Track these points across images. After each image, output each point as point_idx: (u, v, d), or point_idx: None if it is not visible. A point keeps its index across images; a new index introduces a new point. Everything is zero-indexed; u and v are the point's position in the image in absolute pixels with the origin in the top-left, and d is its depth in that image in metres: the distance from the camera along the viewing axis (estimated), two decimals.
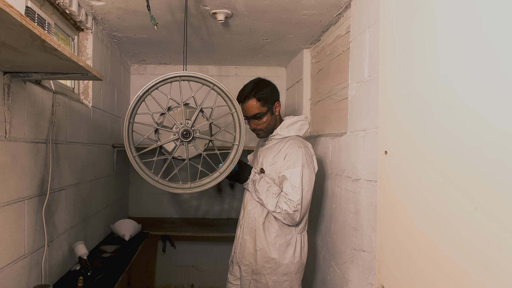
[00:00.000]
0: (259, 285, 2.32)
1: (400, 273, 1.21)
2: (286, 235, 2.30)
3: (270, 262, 2.29)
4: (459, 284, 0.93)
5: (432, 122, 1.05)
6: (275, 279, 2.30)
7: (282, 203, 2.18)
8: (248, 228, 2.36)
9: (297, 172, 2.19)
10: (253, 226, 2.34)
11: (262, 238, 2.30)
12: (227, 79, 3.98)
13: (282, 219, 2.21)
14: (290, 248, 2.30)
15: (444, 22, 1.02)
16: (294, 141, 2.31)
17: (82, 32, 2.54)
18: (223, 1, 2.20)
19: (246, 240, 2.37)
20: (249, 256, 2.35)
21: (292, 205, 2.16)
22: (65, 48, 1.31)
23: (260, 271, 2.31)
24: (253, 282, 2.34)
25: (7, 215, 1.62)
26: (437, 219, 1.02)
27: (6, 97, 1.58)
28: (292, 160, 2.22)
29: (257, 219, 2.32)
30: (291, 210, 2.16)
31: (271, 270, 2.29)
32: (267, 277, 2.30)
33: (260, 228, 2.31)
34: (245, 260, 2.37)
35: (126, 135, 1.90)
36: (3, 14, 0.94)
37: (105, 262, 2.49)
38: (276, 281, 2.30)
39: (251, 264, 2.34)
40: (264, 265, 2.30)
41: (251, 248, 2.34)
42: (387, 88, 1.34)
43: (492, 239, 0.82)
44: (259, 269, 2.31)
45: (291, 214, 2.17)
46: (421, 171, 1.10)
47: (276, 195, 2.21)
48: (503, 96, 0.80)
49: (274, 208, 2.21)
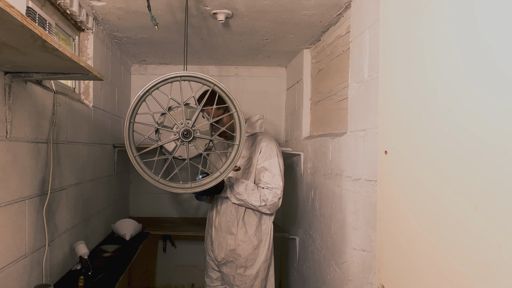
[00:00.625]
0: (244, 278, 2.45)
1: (400, 272, 1.21)
2: (263, 224, 2.49)
3: (253, 253, 2.45)
4: (458, 285, 0.92)
5: (431, 123, 1.05)
6: (259, 267, 2.47)
7: (265, 194, 2.34)
8: (226, 227, 2.48)
9: (275, 161, 2.41)
10: (232, 223, 2.46)
11: (243, 232, 2.44)
12: (228, 79, 3.99)
13: (267, 209, 2.38)
14: (266, 236, 2.50)
15: (442, 22, 1.02)
16: (263, 136, 2.50)
17: (83, 32, 2.55)
18: (223, 1, 2.21)
19: (226, 238, 2.48)
20: (231, 252, 2.46)
21: (276, 192, 2.35)
22: (66, 48, 1.31)
23: (243, 264, 2.46)
24: (238, 276, 2.46)
25: (8, 214, 1.62)
26: (436, 219, 1.02)
27: (7, 97, 1.58)
28: (268, 152, 2.41)
29: (235, 215, 2.45)
30: (276, 198, 2.35)
31: (253, 261, 2.46)
32: (250, 268, 2.46)
33: (240, 223, 2.44)
34: (227, 257, 2.47)
35: (126, 135, 1.90)
36: (4, 14, 0.95)
37: (106, 261, 2.49)
38: (260, 269, 2.47)
39: (235, 259, 2.46)
40: (248, 257, 2.45)
41: (232, 245, 2.46)
42: (387, 88, 1.34)
43: (491, 239, 0.82)
44: (242, 262, 2.45)
45: (276, 202, 2.36)
46: (420, 171, 1.10)
47: (255, 190, 2.35)
48: (501, 97, 0.80)
49: (259, 202, 2.34)
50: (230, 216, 2.46)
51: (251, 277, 2.45)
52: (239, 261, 2.45)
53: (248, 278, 2.45)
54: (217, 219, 2.52)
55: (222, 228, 2.49)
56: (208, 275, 2.67)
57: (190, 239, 4.07)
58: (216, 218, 2.53)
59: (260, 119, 2.60)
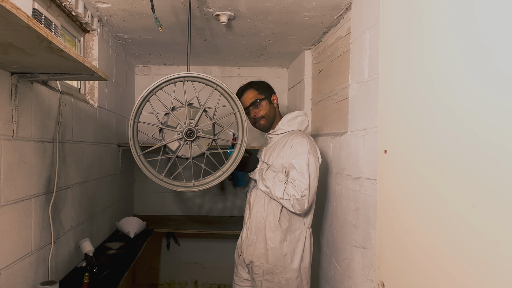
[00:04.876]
0: (272, 284, 2.30)
1: (400, 269, 1.22)
2: (295, 230, 2.31)
3: (282, 260, 2.28)
4: (458, 281, 0.93)
5: (431, 122, 1.05)
6: (288, 277, 2.29)
7: (289, 189, 2.17)
8: (256, 228, 2.35)
9: (304, 159, 2.22)
10: (261, 225, 2.33)
11: (272, 236, 2.29)
12: (230, 79, 4.00)
13: (291, 206, 2.19)
14: (300, 243, 2.31)
15: (442, 23, 1.02)
16: (297, 133, 2.34)
17: (88, 34, 2.57)
18: (226, 3, 2.22)
19: (254, 241, 2.35)
20: (260, 256, 2.33)
21: (300, 189, 2.17)
22: (71, 49, 1.32)
23: (272, 271, 2.30)
24: (265, 282, 2.31)
25: (14, 212, 1.64)
26: (435, 217, 1.02)
27: (13, 97, 1.60)
28: (298, 150, 2.24)
29: (265, 218, 2.31)
30: (298, 195, 2.16)
31: (283, 269, 2.29)
32: (279, 275, 2.29)
33: (270, 226, 2.30)
34: (256, 261, 2.34)
35: (131, 135, 1.92)
36: (11, 16, 0.96)
37: (111, 258, 2.51)
38: (289, 278, 2.29)
39: (263, 264, 2.32)
40: (276, 264, 2.29)
41: (261, 248, 2.32)
42: (387, 88, 1.34)
43: (490, 236, 0.83)
44: (271, 268, 2.30)
45: (299, 199, 2.17)
46: (420, 170, 1.10)
47: (283, 182, 2.21)
48: (500, 96, 0.81)
49: (282, 194, 2.19)
50: (260, 217, 2.34)
51: (280, 285, 2.30)
52: (267, 267, 2.31)
53: (276, 286, 2.30)
54: (249, 220, 2.41)
55: (252, 229, 2.38)
56: (237, 273, 2.53)
57: (193, 237, 4.09)
58: (248, 219, 2.42)
59: (299, 116, 2.44)
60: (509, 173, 0.78)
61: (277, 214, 2.29)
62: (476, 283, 0.87)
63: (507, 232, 0.78)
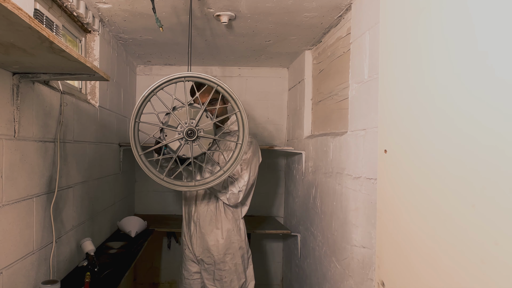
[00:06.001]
0: (223, 273, 2.53)
1: (400, 269, 1.23)
2: (236, 220, 2.60)
3: (231, 248, 2.55)
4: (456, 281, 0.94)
5: (428, 123, 1.06)
6: (236, 262, 2.58)
7: (228, 184, 2.47)
8: (206, 222, 2.55)
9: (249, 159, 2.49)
10: (210, 218, 2.54)
11: (223, 227, 2.53)
12: (231, 79, 4.01)
13: (226, 199, 2.46)
14: (241, 231, 2.62)
15: (439, 25, 1.03)
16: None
17: (89, 34, 2.58)
18: (226, 3, 2.23)
19: (204, 234, 2.55)
20: (211, 248, 2.54)
21: (239, 185, 2.44)
22: (73, 49, 1.32)
23: (222, 259, 2.55)
24: (217, 271, 2.56)
25: (16, 212, 1.64)
26: (434, 217, 1.03)
27: (15, 97, 1.60)
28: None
29: (215, 210, 2.53)
30: (236, 190, 2.45)
31: (232, 256, 2.56)
32: (229, 262, 2.56)
33: (219, 218, 2.53)
34: (207, 253, 2.56)
35: (132, 134, 1.93)
36: (13, 16, 0.96)
37: (112, 258, 2.52)
38: (237, 263, 2.58)
39: (212, 255, 2.54)
40: (226, 252, 2.54)
41: (212, 240, 2.54)
42: (386, 89, 1.35)
43: (488, 237, 0.83)
44: (221, 257, 2.54)
45: (236, 195, 2.45)
46: (418, 170, 1.11)
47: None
48: (496, 99, 0.81)
49: (220, 188, 2.43)
50: (209, 211, 2.53)
51: (231, 271, 2.55)
52: (218, 257, 2.53)
53: (227, 272, 2.54)
54: (195, 215, 2.58)
55: (200, 223, 2.55)
56: (186, 268, 2.71)
57: None
58: (194, 214, 2.59)
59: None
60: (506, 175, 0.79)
61: (221, 207, 2.54)
62: (475, 283, 0.88)
63: (504, 233, 0.79)
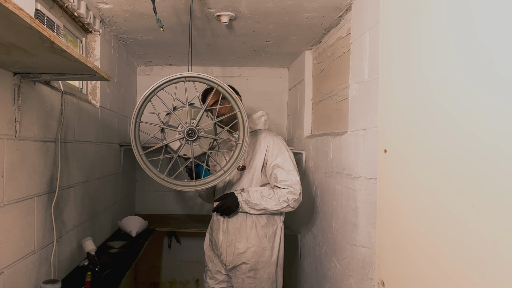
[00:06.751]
0: (254, 280, 2.41)
1: (400, 268, 1.23)
2: (272, 225, 2.46)
3: (263, 255, 2.41)
4: (457, 280, 0.94)
5: (429, 122, 1.06)
6: (270, 270, 2.44)
7: (285, 194, 2.29)
8: (235, 229, 2.43)
9: (286, 157, 2.37)
10: (240, 225, 2.42)
11: (253, 233, 2.40)
12: (231, 79, 4.02)
13: (291, 208, 2.33)
14: (277, 237, 2.47)
15: (440, 24, 1.03)
16: (267, 132, 2.46)
17: (90, 34, 2.58)
18: (227, 4, 2.24)
19: (234, 241, 2.43)
20: (241, 255, 2.42)
21: (295, 188, 2.30)
22: (74, 49, 1.33)
23: (255, 267, 2.41)
24: (247, 279, 2.42)
25: (17, 212, 1.65)
26: (434, 216, 1.03)
27: (16, 97, 1.61)
28: (277, 148, 2.36)
29: (245, 217, 2.41)
30: (296, 195, 2.30)
31: (264, 264, 2.42)
32: (261, 271, 2.42)
33: (249, 224, 2.41)
34: (238, 261, 2.43)
35: (132, 134, 1.93)
36: (14, 16, 0.96)
37: (113, 257, 2.53)
38: (270, 272, 2.44)
39: (245, 263, 2.41)
40: (258, 260, 2.41)
41: (241, 248, 2.42)
42: (387, 89, 1.35)
43: (488, 235, 0.83)
44: (253, 265, 2.41)
45: (298, 198, 2.31)
46: (419, 169, 1.11)
47: (272, 194, 2.31)
48: (498, 98, 0.81)
49: (280, 205, 2.30)
50: (238, 218, 2.42)
51: (262, 279, 2.42)
52: (250, 264, 2.40)
53: (259, 281, 2.42)
54: (225, 222, 2.46)
55: (230, 231, 2.44)
56: (212, 276, 2.59)
57: (195, 236, 4.09)
58: (224, 221, 2.47)
59: (263, 116, 2.56)
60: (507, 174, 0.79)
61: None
62: (478, 281, 0.88)
63: (505, 231, 0.79)
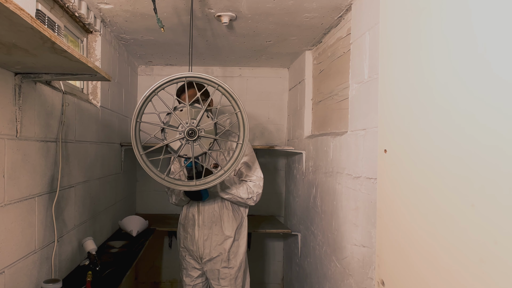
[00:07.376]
0: (228, 270, 2.59)
1: (400, 268, 1.23)
2: (240, 218, 2.63)
3: (235, 245, 2.60)
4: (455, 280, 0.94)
5: (428, 123, 1.06)
6: (241, 259, 2.62)
7: (251, 187, 2.49)
8: (211, 222, 2.56)
9: (253, 155, 2.58)
10: (216, 218, 2.56)
11: (227, 226, 2.56)
12: (232, 79, 4.02)
13: (253, 202, 2.51)
14: (243, 229, 2.65)
15: (439, 25, 1.03)
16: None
17: (90, 34, 2.59)
18: (227, 4, 2.24)
19: (211, 234, 2.57)
20: (218, 247, 2.57)
21: (260, 184, 2.51)
22: (74, 49, 1.33)
23: (229, 257, 2.59)
24: (222, 269, 2.59)
25: (18, 211, 1.65)
26: (434, 215, 1.03)
27: (17, 97, 1.61)
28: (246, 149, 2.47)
29: (219, 211, 2.56)
30: (260, 189, 2.51)
31: (236, 253, 2.60)
32: (233, 260, 2.60)
33: (224, 217, 2.56)
34: (214, 253, 2.57)
35: (133, 134, 1.93)
36: (15, 17, 0.97)
37: (113, 257, 2.53)
38: (242, 261, 2.63)
39: (220, 254, 2.57)
40: (232, 249, 2.59)
41: (219, 240, 2.57)
42: (386, 89, 1.35)
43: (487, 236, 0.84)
44: (228, 255, 2.58)
45: (260, 193, 2.51)
46: (418, 169, 1.11)
47: (242, 183, 2.48)
48: (496, 99, 0.81)
49: (247, 195, 2.47)
50: (213, 211, 2.55)
51: (236, 268, 2.59)
52: (224, 255, 2.56)
53: (233, 270, 2.59)
54: (200, 217, 2.58)
55: (206, 225, 2.56)
56: (188, 274, 2.68)
57: None
58: (198, 217, 2.58)
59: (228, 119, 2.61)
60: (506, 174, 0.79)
61: (229, 206, 2.58)
62: (475, 282, 0.88)
63: (504, 232, 0.79)
